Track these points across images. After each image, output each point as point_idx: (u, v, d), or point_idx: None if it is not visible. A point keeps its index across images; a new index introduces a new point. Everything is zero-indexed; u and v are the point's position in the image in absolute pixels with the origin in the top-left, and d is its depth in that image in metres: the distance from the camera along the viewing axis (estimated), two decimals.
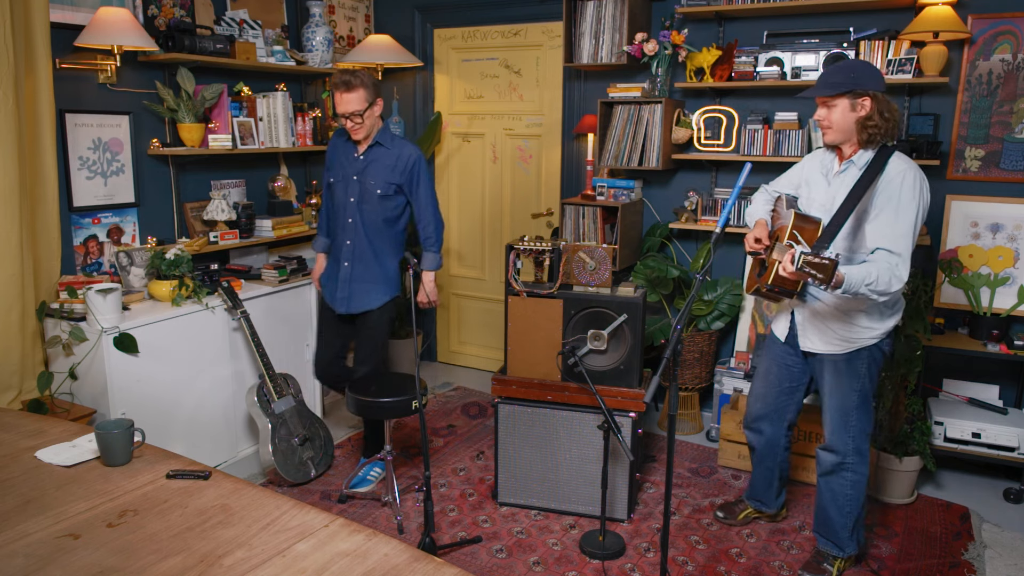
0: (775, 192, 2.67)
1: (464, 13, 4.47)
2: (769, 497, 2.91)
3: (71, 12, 3.05)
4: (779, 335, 2.68)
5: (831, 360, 2.50)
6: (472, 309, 4.88)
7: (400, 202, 3.16)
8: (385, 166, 3.11)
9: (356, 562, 1.45)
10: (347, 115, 3.00)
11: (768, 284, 2.29)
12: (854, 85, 2.25)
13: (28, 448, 1.95)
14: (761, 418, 2.77)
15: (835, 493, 2.57)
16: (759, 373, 2.78)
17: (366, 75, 3.00)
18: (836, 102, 2.28)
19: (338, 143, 3.22)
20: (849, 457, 2.52)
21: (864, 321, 2.41)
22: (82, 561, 1.45)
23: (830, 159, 2.46)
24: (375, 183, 3.10)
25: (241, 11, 3.77)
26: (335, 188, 3.19)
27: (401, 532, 2.91)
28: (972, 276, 3.30)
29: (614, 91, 3.75)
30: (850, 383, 2.48)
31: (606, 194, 3.82)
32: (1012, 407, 3.36)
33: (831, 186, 2.41)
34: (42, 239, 2.96)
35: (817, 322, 2.49)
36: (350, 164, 3.14)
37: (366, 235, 3.15)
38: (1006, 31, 3.20)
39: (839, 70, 2.29)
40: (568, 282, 2.99)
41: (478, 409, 4.21)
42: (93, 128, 3.19)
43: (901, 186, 2.23)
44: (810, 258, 2.02)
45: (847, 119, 2.29)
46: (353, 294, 3.20)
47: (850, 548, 2.62)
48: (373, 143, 3.11)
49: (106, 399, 2.87)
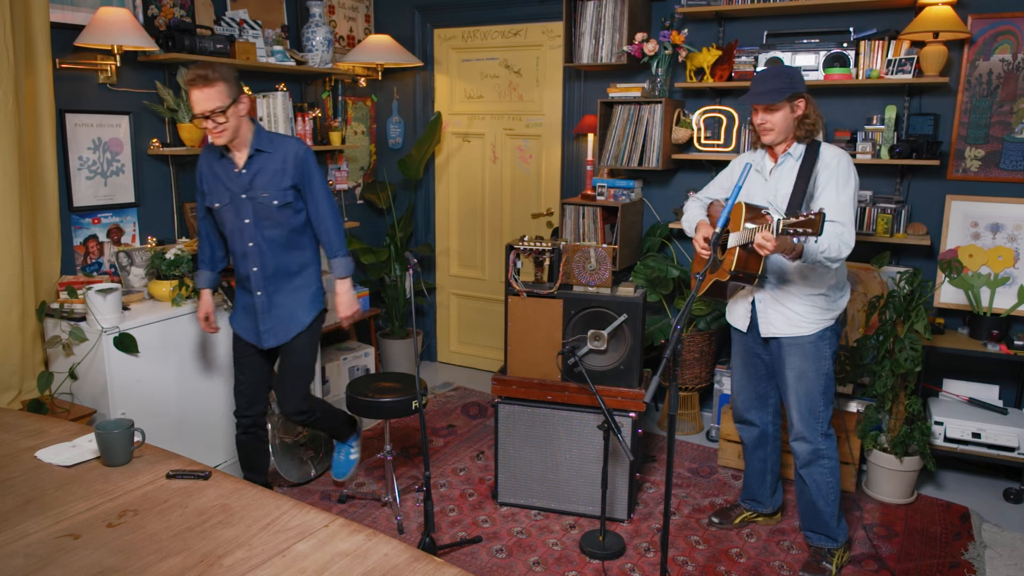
0: (707, 198, 2.80)
1: (464, 13, 4.47)
2: (764, 494, 2.92)
3: (71, 12, 3.05)
4: (739, 325, 2.74)
5: (797, 344, 2.56)
6: (472, 309, 4.88)
7: (301, 205, 2.79)
8: (274, 172, 2.71)
9: (356, 562, 1.45)
10: (206, 114, 2.56)
11: (731, 271, 2.42)
12: (792, 89, 2.42)
13: (28, 448, 1.95)
14: (748, 409, 2.84)
15: (818, 483, 2.63)
16: (735, 367, 2.86)
17: (225, 67, 2.62)
18: (778, 106, 2.44)
19: (210, 160, 2.76)
20: (822, 443, 2.60)
21: (822, 302, 2.54)
22: (82, 561, 1.45)
23: (760, 157, 2.61)
24: (269, 195, 2.71)
25: (241, 11, 3.77)
26: (222, 213, 2.76)
27: (401, 532, 2.91)
28: (972, 276, 3.30)
29: (614, 91, 3.75)
30: (817, 366, 2.56)
31: (606, 194, 3.82)
32: (1012, 407, 3.36)
33: (769, 181, 2.56)
34: (42, 239, 2.96)
35: (779, 306, 2.57)
36: (232, 181, 2.71)
37: (274, 256, 2.77)
38: (1006, 31, 3.20)
39: (776, 77, 2.46)
40: (568, 282, 2.99)
41: (478, 409, 4.21)
42: (93, 128, 3.19)
43: (838, 167, 2.45)
44: (791, 219, 2.16)
45: (787, 120, 2.47)
46: (277, 323, 2.82)
47: (842, 536, 2.68)
48: (252, 151, 2.70)
49: (106, 399, 2.87)
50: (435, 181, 4.84)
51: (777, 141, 2.51)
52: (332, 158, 4.47)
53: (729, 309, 2.80)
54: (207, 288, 2.93)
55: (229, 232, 2.79)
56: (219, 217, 2.79)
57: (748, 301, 2.67)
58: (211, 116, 2.56)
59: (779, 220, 2.23)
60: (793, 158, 2.52)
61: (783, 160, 2.54)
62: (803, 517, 2.74)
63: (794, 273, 2.52)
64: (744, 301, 2.70)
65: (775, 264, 2.54)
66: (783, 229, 2.19)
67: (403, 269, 4.55)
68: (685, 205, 2.87)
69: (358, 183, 4.72)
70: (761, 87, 2.45)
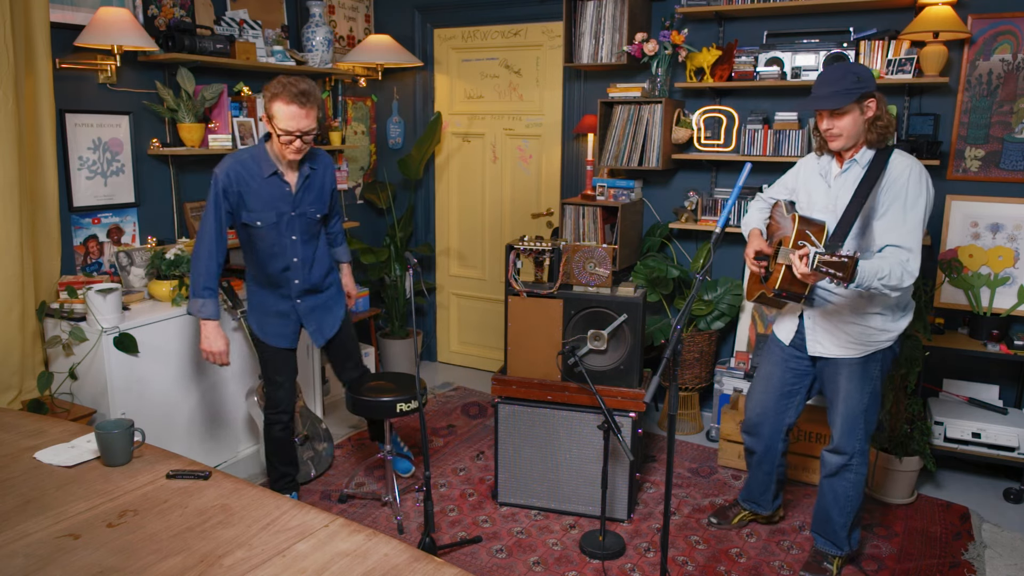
0: (771, 199, 2.67)
1: (464, 13, 4.47)
2: (765, 500, 2.89)
3: (71, 12, 3.05)
4: (783, 338, 2.63)
5: (846, 364, 2.45)
6: (472, 309, 4.88)
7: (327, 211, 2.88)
8: (319, 187, 2.77)
9: (356, 562, 1.45)
10: (301, 133, 2.53)
11: (776, 289, 2.28)
12: (862, 89, 2.22)
13: (28, 448, 1.95)
14: (760, 423, 2.74)
15: (837, 494, 2.56)
16: (759, 376, 2.75)
17: (317, 87, 2.60)
18: (846, 109, 2.24)
19: (247, 177, 2.62)
20: (854, 458, 2.51)
21: (878, 323, 2.39)
22: (82, 561, 1.45)
23: (827, 161, 2.45)
24: (315, 208, 2.75)
25: (241, 11, 3.77)
26: (264, 231, 2.69)
27: (401, 532, 2.91)
28: (972, 276, 3.30)
29: (614, 91, 3.75)
30: (863, 386, 2.45)
31: (606, 194, 3.81)
32: (1012, 407, 3.36)
33: (832, 188, 2.40)
34: (42, 239, 2.96)
35: (829, 326, 2.45)
36: (283, 200, 2.68)
37: (313, 265, 2.84)
38: (1006, 31, 3.20)
39: (843, 77, 2.24)
40: (568, 282, 2.99)
41: (478, 409, 4.21)
42: (93, 128, 3.19)
43: (908, 182, 2.23)
44: (826, 257, 2.01)
45: (857, 123, 2.26)
46: (322, 323, 2.93)
47: (847, 547, 2.63)
48: (308, 171, 2.70)
49: (106, 399, 2.87)
50: (435, 181, 4.84)
51: (847, 147, 2.30)
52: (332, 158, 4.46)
53: (777, 321, 2.69)
54: (214, 319, 2.71)
55: (267, 248, 2.71)
56: (258, 234, 2.69)
57: (796, 315, 2.55)
58: (302, 136, 2.52)
59: (816, 253, 2.04)
60: (859, 165, 2.31)
61: (848, 166, 2.33)
62: (815, 519, 2.68)
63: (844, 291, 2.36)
64: (792, 315, 2.57)
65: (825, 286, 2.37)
66: (816, 265, 2.02)
67: (403, 269, 4.55)
68: (749, 204, 2.74)
69: (358, 183, 4.72)
70: (826, 89, 2.24)
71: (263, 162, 2.65)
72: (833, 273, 2.00)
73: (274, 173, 2.66)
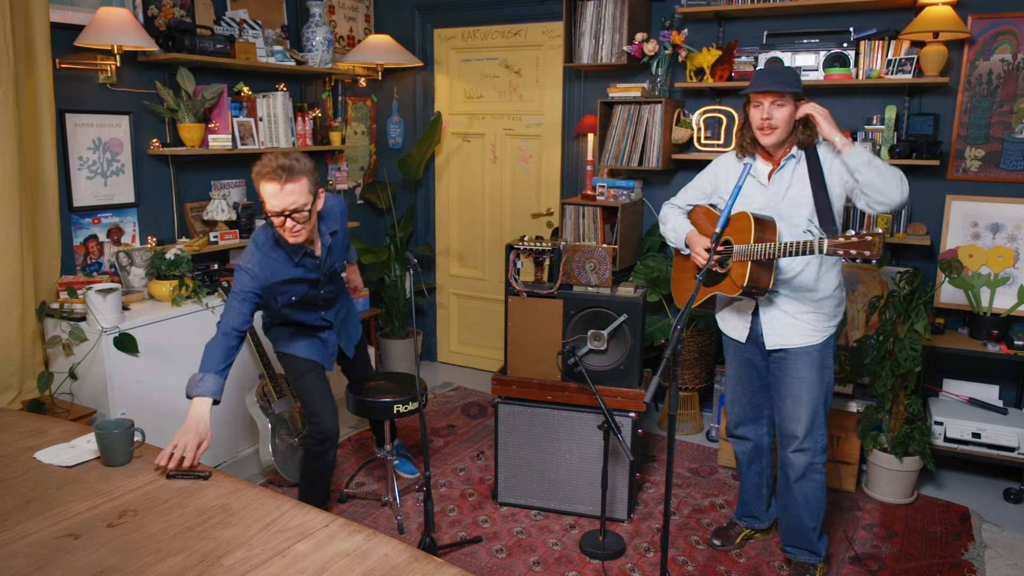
0: (687, 205, 2.69)
1: (464, 13, 4.47)
2: (760, 509, 2.84)
3: (71, 12, 3.05)
4: (737, 336, 2.61)
5: (806, 353, 2.47)
6: (472, 309, 4.88)
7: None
8: (339, 241, 2.64)
9: (356, 562, 1.45)
10: (288, 212, 2.24)
11: (744, 286, 2.34)
12: (799, 88, 2.33)
13: (28, 448, 1.95)
14: (742, 422, 2.73)
15: (808, 498, 2.53)
16: (729, 377, 2.74)
17: (305, 157, 2.30)
18: (786, 101, 2.32)
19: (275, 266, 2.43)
20: (818, 456, 2.50)
21: (830, 307, 2.47)
22: (82, 561, 1.45)
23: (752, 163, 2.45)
24: (339, 261, 2.70)
25: (241, 11, 3.77)
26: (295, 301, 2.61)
27: (401, 532, 2.91)
28: (972, 276, 3.30)
29: (614, 91, 3.75)
30: (822, 375, 2.48)
31: (606, 194, 3.81)
32: (1012, 407, 3.36)
33: (770, 186, 2.44)
34: (42, 239, 2.96)
35: (788, 317, 2.47)
36: (312, 271, 2.56)
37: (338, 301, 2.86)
38: (1006, 31, 3.20)
39: (785, 71, 2.36)
40: (568, 282, 2.99)
41: (478, 409, 4.21)
42: (93, 128, 3.19)
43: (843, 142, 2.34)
44: (841, 240, 2.10)
45: (791, 119, 2.34)
46: (352, 336, 2.98)
47: (822, 550, 2.62)
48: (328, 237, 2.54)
49: (106, 399, 2.87)
50: (435, 181, 4.84)
51: (778, 142, 2.37)
52: (332, 158, 4.47)
53: (721, 319, 2.68)
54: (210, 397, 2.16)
55: (298, 306, 2.65)
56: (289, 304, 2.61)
57: (747, 311, 2.56)
58: (292, 215, 2.24)
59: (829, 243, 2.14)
60: (797, 159, 2.40)
61: (785, 163, 2.41)
62: (787, 534, 2.64)
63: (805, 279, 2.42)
64: (741, 311, 2.58)
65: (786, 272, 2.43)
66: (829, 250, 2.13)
67: (403, 269, 4.55)
68: (663, 213, 2.73)
69: (358, 183, 4.72)
70: (772, 77, 2.32)
71: (284, 245, 2.44)
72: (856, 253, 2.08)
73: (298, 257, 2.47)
